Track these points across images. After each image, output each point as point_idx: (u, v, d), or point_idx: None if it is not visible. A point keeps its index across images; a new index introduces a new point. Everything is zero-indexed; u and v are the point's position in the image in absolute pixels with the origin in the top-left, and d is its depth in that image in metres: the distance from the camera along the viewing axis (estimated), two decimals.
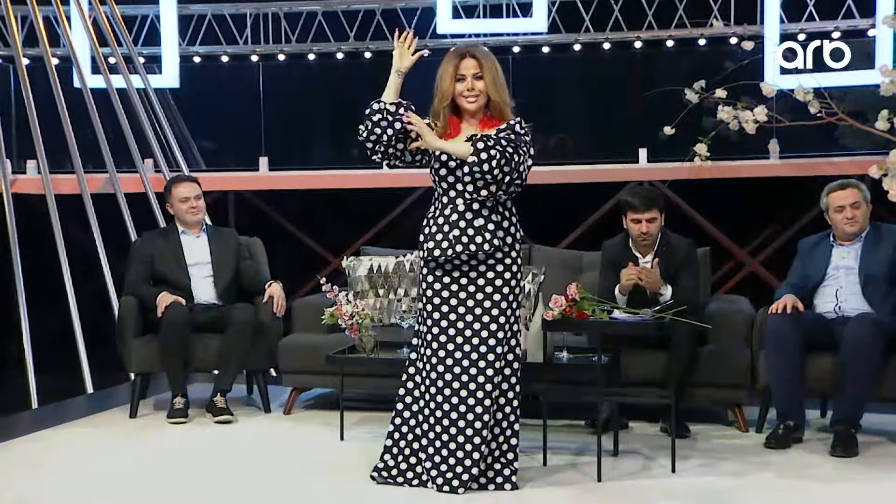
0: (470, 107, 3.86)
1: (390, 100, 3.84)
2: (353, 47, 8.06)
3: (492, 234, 3.80)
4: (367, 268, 5.88)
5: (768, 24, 7.08)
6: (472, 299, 3.83)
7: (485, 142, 3.73)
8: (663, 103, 6.77)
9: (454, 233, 3.79)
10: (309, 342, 5.50)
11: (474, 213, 3.81)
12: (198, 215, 5.66)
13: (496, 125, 3.85)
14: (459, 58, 3.85)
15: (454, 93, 3.85)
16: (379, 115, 3.81)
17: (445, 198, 3.85)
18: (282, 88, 8.16)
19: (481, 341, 3.82)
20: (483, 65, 3.84)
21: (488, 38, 7.73)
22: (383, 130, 3.82)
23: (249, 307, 5.49)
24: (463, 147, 3.77)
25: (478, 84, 3.84)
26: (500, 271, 3.86)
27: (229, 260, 5.67)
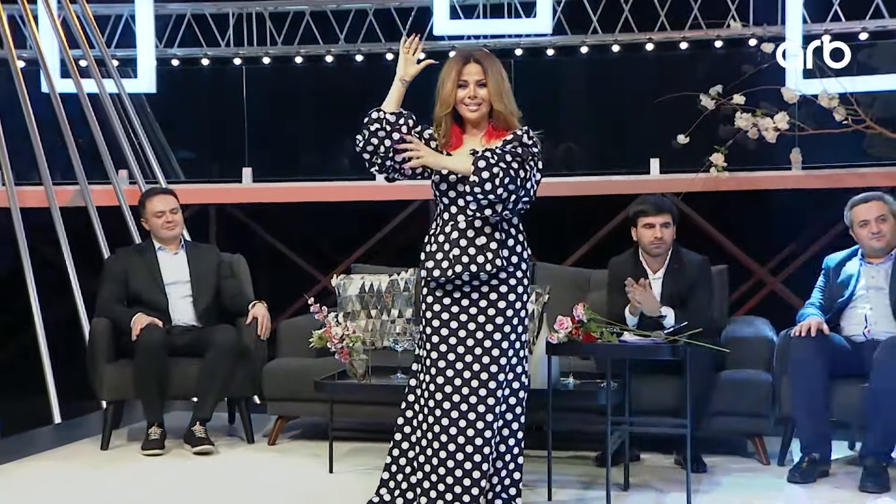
0: (471, 115, 3.88)
1: (391, 109, 3.86)
2: (343, 50, 8.08)
3: (494, 253, 3.81)
4: (358, 287, 5.88)
5: (790, 25, 7.10)
6: (474, 322, 3.83)
7: (486, 159, 3.72)
8: (677, 110, 6.79)
9: (455, 252, 3.80)
10: (295, 367, 5.50)
11: (476, 230, 3.82)
12: (174, 230, 5.67)
13: (502, 136, 3.86)
14: (462, 62, 3.87)
15: (456, 100, 3.86)
16: (377, 125, 3.82)
17: (447, 214, 3.87)
18: (267, 94, 8.18)
19: (482, 367, 3.81)
20: (487, 71, 3.86)
21: (488, 41, 7.75)
22: (381, 141, 3.84)
23: (231, 329, 5.49)
24: (466, 163, 3.77)
25: (480, 91, 3.86)
26: (503, 293, 3.85)
27: (210, 278, 5.68)
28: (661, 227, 5.07)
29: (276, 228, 8.06)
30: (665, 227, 5.08)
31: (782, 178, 7.06)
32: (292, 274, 7.96)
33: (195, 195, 7.43)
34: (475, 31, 7.81)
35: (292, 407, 5.50)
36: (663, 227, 5.08)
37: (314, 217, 7.96)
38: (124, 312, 5.46)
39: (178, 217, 5.69)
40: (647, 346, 4.41)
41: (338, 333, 4.89)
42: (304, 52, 8.12)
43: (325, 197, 7.54)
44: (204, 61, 8.20)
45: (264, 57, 8.13)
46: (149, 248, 5.71)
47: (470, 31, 7.80)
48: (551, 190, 7.05)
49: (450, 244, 3.82)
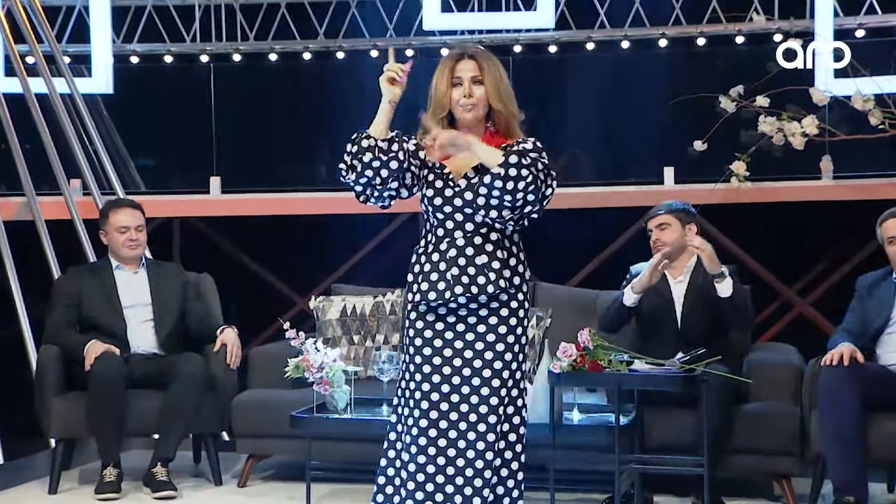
0: (466, 115, 3.87)
1: (382, 135, 3.84)
2: (323, 46, 8.10)
3: (497, 273, 3.81)
4: (339, 310, 5.90)
5: (820, 19, 7.11)
6: (471, 350, 3.83)
7: (520, 156, 3.74)
8: (693, 113, 6.81)
9: (452, 272, 3.80)
10: (269, 399, 5.51)
11: (476, 248, 3.83)
12: (137, 250, 5.69)
13: (502, 143, 3.86)
14: (455, 59, 3.90)
15: (451, 101, 3.89)
16: (370, 155, 3.80)
17: (441, 230, 3.88)
18: (237, 95, 8.18)
19: (481, 400, 3.81)
20: (484, 68, 3.88)
21: (484, 36, 7.78)
22: (376, 172, 3.82)
23: (197, 358, 5.50)
24: (496, 154, 3.78)
25: (476, 90, 3.87)
26: (504, 317, 3.85)
27: (173, 301, 5.69)
28: (657, 230, 5.23)
29: (247, 244, 8.07)
30: (661, 230, 5.27)
31: (811, 189, 7.07)
32: (265, 295, 7.96)
33: (157, 207, 7.43)
34: (469, 25, 7.82)
35: (265, 444, 5.50)
36: (659, 230, 5.26)
37: (290, 232, 7.97)
38: (76, 339, 5.47)
39: (142, 236, 5.71)
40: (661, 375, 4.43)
41: (316, 362, 4.90)
42: (280, 48, 8.14)
43: (302, 209, 7.54)
44: (167, 58, 8.21)
45: (234, 54, 8.14)
46: (105, 266, 5.72)
47: (463, 25, 7.81)
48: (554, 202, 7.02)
49: (446, 263, 3.82)
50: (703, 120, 6.69)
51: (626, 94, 7.83)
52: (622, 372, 4.40)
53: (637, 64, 7.80)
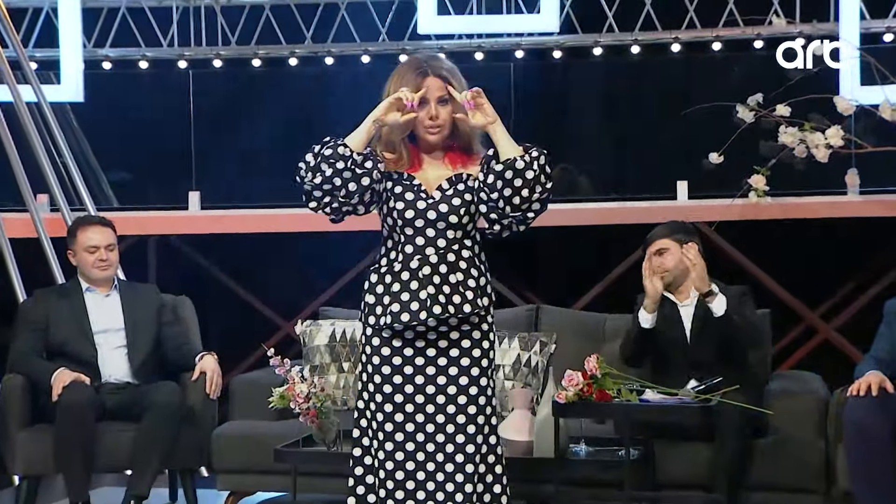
0: (431, 139, 3.93)
1: (358, 148, 3.87)
2: (310, 51, 8.11)
3: (474, 292, 3.86)
4: (327, 335, 5.90)
5: (845, 22, 7.13)
6: (444, 375, 3.87)
7: (546, 157, 3.84)
8: (708, 123, 6.82)
9: (428, 291, 3.82)
10: (252, 432, 5.50)
11: (450, 266, 3.86)
12: (108, 270, 5.69)
13: (466, 161, 3.94)
14: (419, 75, 3.91)
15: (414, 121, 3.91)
16: (343, 164, 3.83)
17: (410, 246, 3.90)
18: (218, 103, 8.19)
19: (458, 429, 3.85)
20: (450, 84, 3.92)
21: (483, 41, 7.79)
22: (344, 183, 3.85)
23: (174, 387, 5.50)
24: (514, 144, 3.85)
25: (443, 111, 3.92)
26: (476, 339, 3.90)
27: (148, 325, 5.69)
28: (657, 256, 5.31)
29: (228, 264, 8.06)
30: (661, 255, 5.32)
31: (836, 205, 7.08)
32: (248, 319, 7.96)
33: (131, 224, 7.43)
34: (467, 28, 7.81)
35: (247, 480, 5.50)
36: (659, 255, 5.31)
37: (275, 251, 7.96)
38: (43, 367, 5.46)
39: (114, 255, 5.72)
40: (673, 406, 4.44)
41: (303, 391, 4.90)
42: (264, 53, 8.15)
43: (288, 227, 7.54)
44: (142, 64, 8.21)
45: (215, 59, 8.15)
46: (74, 288, 5.72)
47: (461, 28, 7.81)
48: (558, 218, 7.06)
49: (419, 282, 3.84)
50: (720, 130, 6.70)
51: (635, 102, 7.84)
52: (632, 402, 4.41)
53: (648, 70, 7.81)
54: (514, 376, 5.62)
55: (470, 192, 3.90)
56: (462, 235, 3.90)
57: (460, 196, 3.89)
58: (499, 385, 5.62)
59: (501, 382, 5.60)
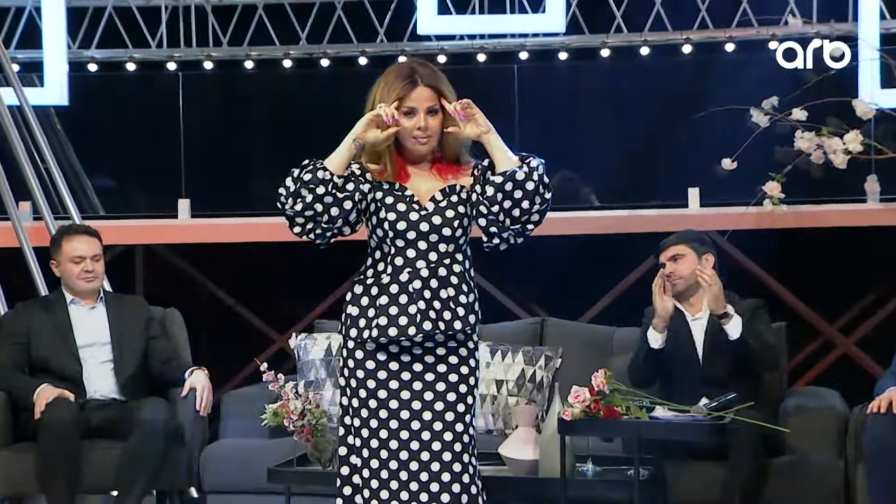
0: (420, 150, 3.95)
1: (339, 170, 3.88)
2: (305, 52, 8.12)
3: (465, 308, 3.89)
4: (323, 348, 5.90)
5: (864, 22, 7.13)
6: (432, 391, 3.90)
7: (543, 166, 3.87)
8: (721, 128, 6.82)
9: (418, 306, 3.84)
10: (243, 450, 5.51)
11: (441, 280, 3.89)
12: (94, 282, 5.69)
13: (455, 172, 3.96)
14: (409, 84, 3.92)
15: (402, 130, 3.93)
16: (323, 189, 3.85)
17: (400, 258, 3.91)
18: (209, 107, 8.20)
19: (444, 446, 3.89)
20: (443, 96, 3.93)
21: (486, 41, 7.80)
22: (326, 209, 3.87)
23: (162, 404, 5.50)
24: (510, 154, 3.88)
25: (432, 122, 3.93)
26: (463, 356, 3.95)
27: (135, 339, 5.69)
28: (671, 262, 5.32)
29: (220, 275, 8.06)
30: (675, 261, 5.34)
31: (855, 214, 7.08)
32: (240, 332, 7.95)
33: (117, 234, 7.42)
34: (469, 29, 7.83)
35: (239, 501, 5.49)
36: (673, 262, 5.33)
37: (268, 261, 7.95)
38: (25, 383, 5.46)
39: (99, 266, 5.72)
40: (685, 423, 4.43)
41: (297, 408, 4.90)
42: (257, 54, 8.15)
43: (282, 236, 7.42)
44: (129, 66, 8.22)
45: (206, 61, 8.16)
46: (58, 301, 5.72)
47: (463, 29, 7.82)
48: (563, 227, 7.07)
49: (408, 296, 3.86)
50: (733, 135, 6.70)
51: (645, 106, 7.83)
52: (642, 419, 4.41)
53: (658, 73, 7.81)
54: (518, 392, 5.63)
55: (463, 205, 3.92)
56: (454, 249, 3.92)
57: (454, 208, 3.91)
58: (502, 401, 5.63)
59: (505, 399, 5.61)
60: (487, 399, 5.68)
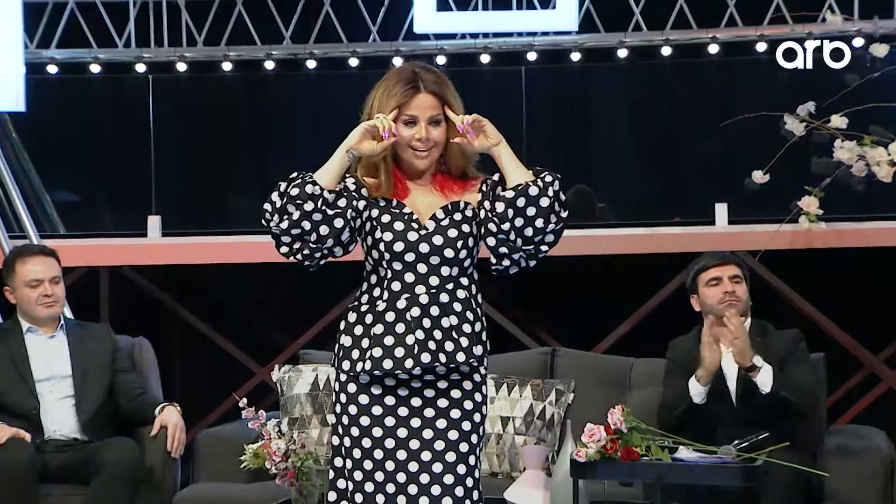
0: (420, 163, 3.94)
1: (329, 185, 3.88)
2: (289, 53, 8.12)
3: (469, 339, 3.87)
4: (309, 382, 5.89)
5: None
6: (432, 429, 3.88)
7: (559, 182, 3.84)
8: (751, 137, 6.83)
9: (416, 336, 3.83)
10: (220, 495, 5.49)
11: (442, 307, 3.87)
12: (53, 308, 5.69)
13: (461, 188, 3.96)
14: (410, 90, 3.91)
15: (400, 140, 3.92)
16: (312, 205, 3.85)
17: (398, 283, 3.90)
18: (183, 114, 8.21)
19: (444, 490, 3.86)
20: (445, 102, 3.93)
21: (490, 41, 7.80)
22: (315, 227, 3.86)
23: (130, 444, 5.49)
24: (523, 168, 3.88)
25: (434, 132, 3.92)
26: (468, 391, 3.91)
27: (100, 372, 5.68)
28: (731, 281, 5.24)
29: (194, 300, 8.05)
30: (736, 282, 5.32)
31: None
32: (217, 364, 7.95)
33: (80, 254, 7.43)
34: (471, 27, 7.82)
35: None
36: (734, 282, 5.29)
37: (248, 284, 7.96)
38: None
39: (59, 290, 5.71)
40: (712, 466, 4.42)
41: (280, 449, 4.89)
42: (236, 55, 8.16)
43: (263, 257, 7.52)
44: (93, 68, 8.22)
45: (179, 62, 8.17)
46: (13, 329, 5.71)
47: (464, 27, 7.82)
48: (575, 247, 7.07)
49: (405, 325, 3.85)
50: (765, 145, 6.71)
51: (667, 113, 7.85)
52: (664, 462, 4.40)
53: (681, 75, 7.82)
54: (525, 430, 5.62)
55: (468, 223, 3.91)
56: (458, 273, 3.91)
57: (457, 227, 3.90)
58: (508, 441, 5.62)
59: (511, 438, 5.59)
60: (492, 438, 5.67)
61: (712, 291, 5.34)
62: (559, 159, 6.23)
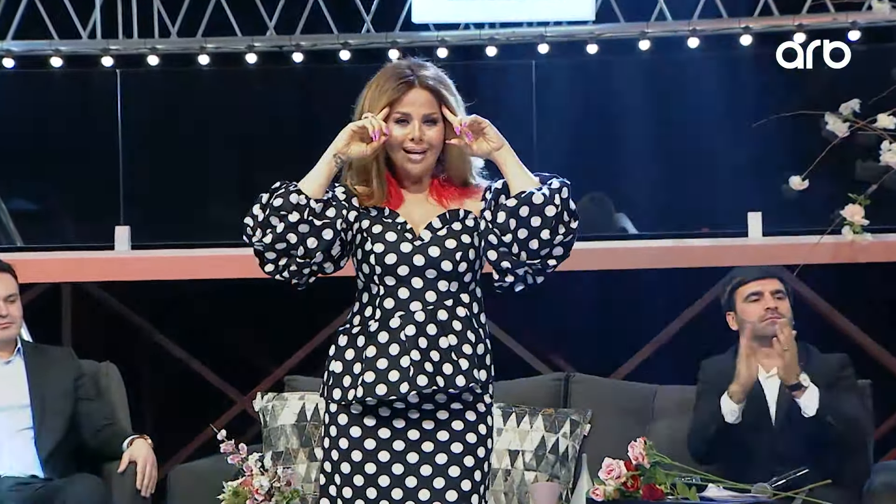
0: (414, 167, 3.94)
1: (316, 194, 3.88)
2: (273, 45, 8.12)
3: (470, 361, 3.86)
4: (295, 412, 5.89)
5: None
6: (431, 465, 3.88)
7: (569, 189, 3.84)
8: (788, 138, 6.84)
9: (411, 357, 3.83)
10: None
11: (440, 326, 3.87)
12: (9, 329, 5.69)
13: (460, 195, 3.96)
14: (403, 86, 3.92)
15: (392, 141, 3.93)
16: (298, 216, 3.85)
17: (391, 300, 3.90)
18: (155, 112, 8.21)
19: None
20: (443, 100, 3.93)
21: (497, 31, 7.81)
22: (301, 240, 3.86)
23: (95, 482, 5.49)
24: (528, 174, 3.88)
25: (429, 132, 3.92)
26: (471, 422, 3.91)
27: (61, 401, 5.69)
28: (774, 297, 5.24)
29: (167, 320, 8.06)
30: (779, 298, 5.35)
31: None
32: (192, 391, 7.95)
33: (40, 269, 7.44)
34: (475, 16, 7.81)
35: None
36: (776, 297, 5.31)
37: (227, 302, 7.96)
38: None
39: (15, 309, 5.72)
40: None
41: (263, 486, 4.90)
42: (213, 47, 8.16)
43: (244, 272, 7.52)
44: (55, 61, 8.23)
45: (150, 55, 8.17)
46: None
47: (467, 16, 7.82)
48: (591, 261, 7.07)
49: (400, 346, 3.85)
50: (803, 148, 6.71)
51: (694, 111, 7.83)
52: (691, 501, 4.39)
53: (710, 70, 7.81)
54: (536, 466, 5.62)
55: (469, 234, 3.91)
56: (458, 288, 3.91)
57: (456, 237, 3.90)
58: (517, 477, 5.62)
59: (521, 474, 5.60)
60: (499, 474, 5.68)
61: (752, 308, 5.34)
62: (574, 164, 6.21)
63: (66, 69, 8.22)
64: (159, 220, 7.98)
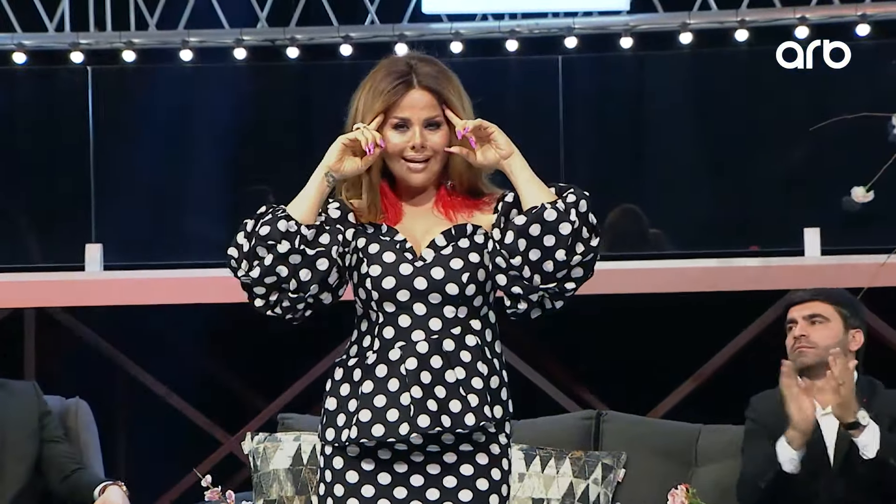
0: (416, 178, 3.92)
1: (307, 218, 3.86)
2: (265, 39, 8.16)
3: (479, 396, 3.83)
4: (289, 455, 5.90)
5: None
6: None
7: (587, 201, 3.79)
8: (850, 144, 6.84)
9: (412, 394, 3.81)
10: None
11: (446, 358, 3.84)
12: None
13: (469, 208, 3.94)
14: (401, 86, 3.90)
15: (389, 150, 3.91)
16: (287, 245, 3.83)
17: (390, 329, 3.88)
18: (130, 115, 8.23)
19: None
20: (447, 102, 3.91)
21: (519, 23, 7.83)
22: (293, 272, 3.83)
23: None
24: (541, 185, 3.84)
25: (432, 138, 3.90)
26: (483, 465, 3.88)
27: (24, 443, 5.69)
28: (805, 323, 5.28)
29: (144, 351, 8.07)
30: (812, 323, 5.35)
31: None
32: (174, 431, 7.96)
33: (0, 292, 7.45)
34: (495, 6, 7.86)
35: None
36: (808, 323, 5.32)
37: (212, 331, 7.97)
38: None
39: None
40: None
41: None
42: (197, 41, 8.19)
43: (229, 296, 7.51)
44: (17, 57, 8.26)
45: (126, 50, 8.20)
46: None
47: (485, 6, 7.86)
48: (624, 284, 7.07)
49: (400, 381, 3.83)
50: (867, 154, 6.71)
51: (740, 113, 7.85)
52: None
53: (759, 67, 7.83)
54: None
55: (478, 251, 3.87)
56: (466, 314, 3.88)
57: (463, 256, 3.87)
58: None
59: None
60: None
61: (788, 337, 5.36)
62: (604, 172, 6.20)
63: (30, 66, 8.26)
64: (135, 238, 7.99)
